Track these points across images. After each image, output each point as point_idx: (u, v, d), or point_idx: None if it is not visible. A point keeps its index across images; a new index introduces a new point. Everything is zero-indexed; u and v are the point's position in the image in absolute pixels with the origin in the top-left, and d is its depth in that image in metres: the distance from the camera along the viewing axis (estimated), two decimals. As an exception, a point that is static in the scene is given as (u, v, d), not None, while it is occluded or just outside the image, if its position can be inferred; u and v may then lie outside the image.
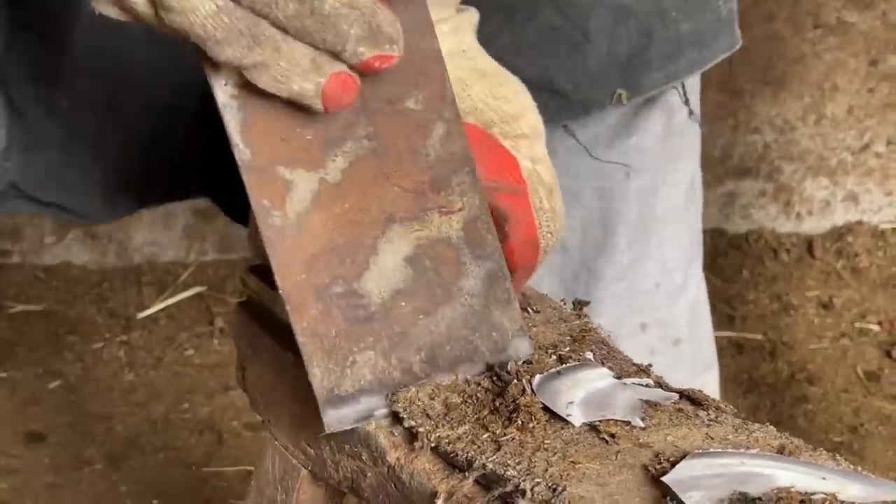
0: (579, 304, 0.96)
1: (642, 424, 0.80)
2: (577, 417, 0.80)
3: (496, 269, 0.85)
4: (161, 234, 2.56)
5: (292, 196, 0.78)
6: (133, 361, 2.34)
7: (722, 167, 2.60)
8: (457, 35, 0.97)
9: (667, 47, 1.22)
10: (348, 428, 0.83)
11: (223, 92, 0.75)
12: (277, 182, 0.78)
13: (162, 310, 2.46)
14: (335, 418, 0.82)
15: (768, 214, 2.62)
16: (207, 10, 0.71)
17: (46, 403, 2.20)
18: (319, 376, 0.80)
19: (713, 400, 0.84)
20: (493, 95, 0.96)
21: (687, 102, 1.35)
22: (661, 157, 1.33)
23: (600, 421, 0.80)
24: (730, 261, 2.57)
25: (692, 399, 0.84)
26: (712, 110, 2.56)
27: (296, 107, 0.77)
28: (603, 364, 0.88)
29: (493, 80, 0.97)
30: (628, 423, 0.80)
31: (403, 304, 0.82)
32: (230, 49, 0.73)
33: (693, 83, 1.39)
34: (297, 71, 0.74)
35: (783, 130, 2.57)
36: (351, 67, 0.75)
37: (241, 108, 0.76)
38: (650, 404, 0.82)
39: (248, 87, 0.76)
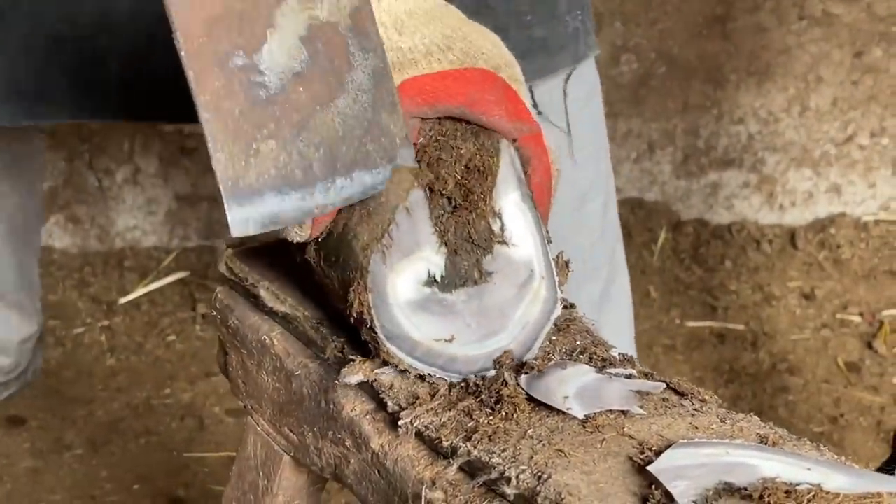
0: (564, 263, 0.95)
1: (642, 412, 0.79)
2: (577, 410, 0.80)
3: (382, 67, 0.85)
4: (143, 219, 2.55)
5: None
6: (114, 347, 2.33)
7: (706, 158, 2.60)
8: None
9: (520, 47, 1.26)
10: (252, 233, 0.82)
11: None
12: None
13: (144, 295, 2.45)
14: (240, 218, 0.81)
15: (751, 205, 2.62)
16: None
17: (27, 388, 2.19)
18: (224, 162, 0.80)
19: (698, 390, 0.84)
20: (492, 43, 0.97)
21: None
22: None
23: (599, 412, 0.80)
24: (712, 251, 2.57)
25: (677, 389, 0.84)
26: (697, 100, 2.56)
27: None
28: (584, 355, 0.88)
29: (481, 30, 0.97)
30: (624, 412, 0.80)
31: (301, 89, 0.82)
32: None
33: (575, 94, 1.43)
34: None
35: (767, 122, 2.58)
36: None
37: None
38: (639, 394, 0.82)
39: None
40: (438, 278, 0.87)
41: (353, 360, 0.87)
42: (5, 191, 1.96)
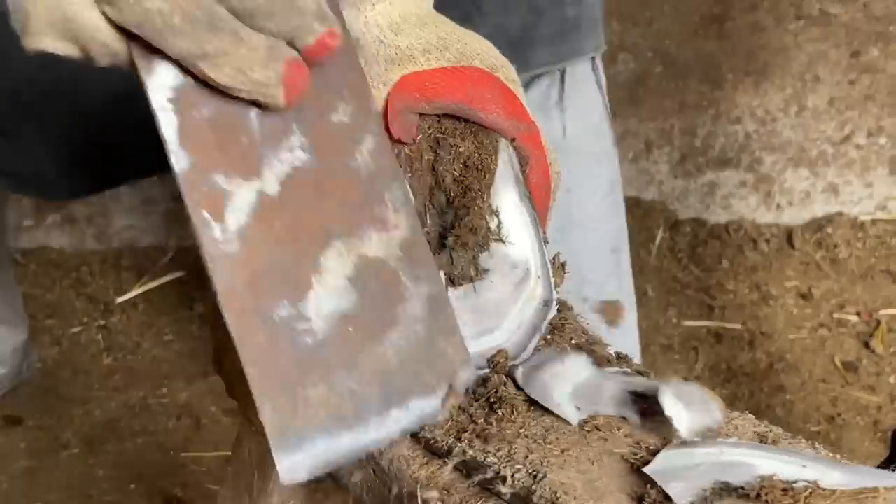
0: (561, 265, 0.95)
1: (638, 420, 0.79)
2: (573, 415, 0.80)
3: (437, 293, 0.82)
4: (141, 218, 2.55)
5: (231, 207, 0.76)
6: (111, 346, 2.33)
7: (703, 157, 2.60)
8: (422, 1, 0.97)
9: (554, 26, 1.24)
10: (303, 480, 0.78)
11: (160, 96, 0.73)
12: (216, 191, 0.75)
13: (141, 294, 2.45)
14: (290, 466, 0.77)
15: (749, 205, 2.62)
16: None
17: (23, 387, 2.19)
18: (270, 414, 0.77)
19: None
20: (485, 46, 0.97)
21: (562, 92, 1.36)
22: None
23: (594, 417, 0.79)
24: (710, 251, 2.57)
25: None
26: (694, 100, 2.56)
27: (233, 110, 0.75)
28: (581, 349, 0.88)
29: (474, 35, 0.97)
30: (624, 418, 0.80)
31: (351, 328, 0.79)
32: (189, 40, 0.70)
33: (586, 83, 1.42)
34: (257, 59, 0.72)
35: (764, 121, 2.58)
36: (302, 53, 0.74)
37: (178, 111, 0.74)
38: (636, 394, 0.82)
39: (185, 89, 0.73)
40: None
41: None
42: None
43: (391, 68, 0.89)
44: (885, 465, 1.53)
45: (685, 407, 0.76)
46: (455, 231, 0.88)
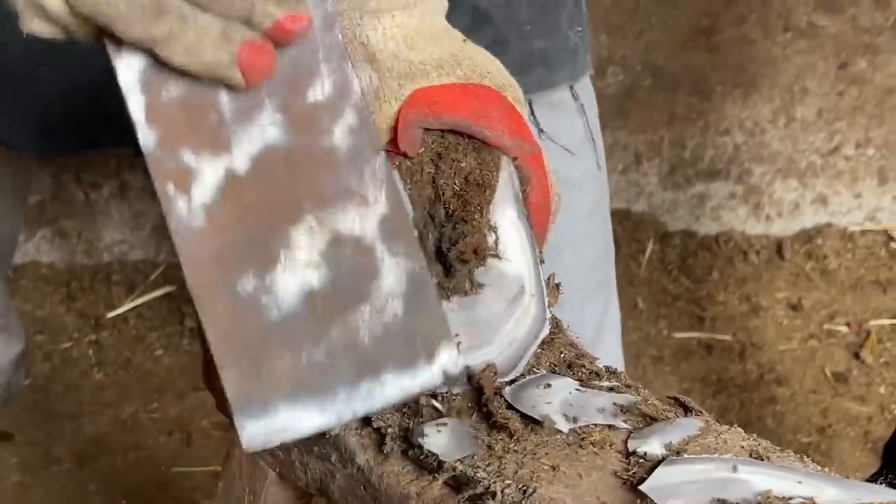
0: (555, 285, 0.95)
1: (629, 427, 0.79)
2: (562, 424, 0.80)
3: (417, 270, 0.81)
4: (131, 233, 2.55)
5: (198, 184, 0.77)
6: (102, 361, 2.32)
7: (692, 169, 2.61)
8: (435, 16, 0.97)
9: (519, 59, 1.25)
10: (267, 447, 0.79)
11: (128, 73, 0.75)
12: (183, 168, 0.76)
13: (131, 309, 2.44)
14: (253, 433, 0.78)
15: (738, 216, 2.63)
16: None
17: (14, 403, 2.19)
18: (233, 380, 0.77)
19: (683, 400, 0.84)
20: (494, 65, 0.97)
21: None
22: None
23: (584, 426, 0.80)
24: (700, 262, 2.58)
25: (659, 401, 0.84)
26: (683, 112, 2.57)
27: (201, 89, 0.76)
28: (570, 368, 0.88)
29: (484, 52, 0.98)
30: (611, 426, 0.80)
31: (320, 303, 0.79)
32: (137, 26, 0.72)
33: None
34: (208, 41, 0.73)
35: (753, 133, 2.58)
36: (264, 35, 0.75)
37: (146, 90, 0.75)
38: (623, 409, 0.82)
39: (152, 69, 0.75)
40: None
41: None
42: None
43: (404, 83, 0.89)
44: (875, 477, 1.53)
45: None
46: (459, 247, 0.88)
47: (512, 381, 0.86)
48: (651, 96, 2.55)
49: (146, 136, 0.75)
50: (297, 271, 0.79)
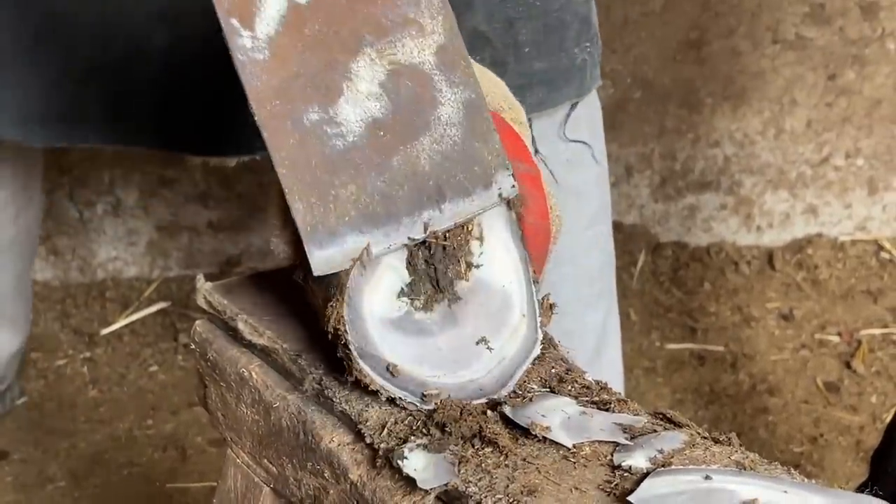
0: (549, 305, 0.96)
1: (630, 442, 0.80)
2: (565, 439, 0.81)
3: (474, 98, 0.84)
4: (125, 249, 2.55)
5: (261, 15, 0.78)
6: (97, 378, 2.32)
7: (683, 181, 2.62)
8: None
9: (518, 80, 1.26)
10: (335, 271, 0.81)
11: None
12: (245, 0, 0.78)
13: (126, 326, 2.45)
14: (322, 259, 0.81)
15: (729, 227, 2.64)
16: None
17: (9, 421, 2.19)
18: (302, 211, 0.80)
19: (674, 415, 0.85)
20: (495, 85, 0.98)
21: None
22: None
23: (586, 441, 0.80)
24: (691, 273, 2.58)
25: (653, 415, 0.85)
26: (673, 124, 2.58)
27: None
28: (561, 383, 0.89)
29: (485, 72, 0.99)
30: (614, 442, 0.80)
31: (382, 133, 0.81)
32: None
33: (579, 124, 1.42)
34: None
35: (743, 144, 2.60)
36: None
37: None
38: (623, 428, 0.83)
39: None
40: (415, 299, 0.88)
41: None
42: (12, 201, 1.97)
43: None
44: (863, 486, 1.54)
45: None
46: (437, 256, 0.89)
47: (505, 399, 0.87)
48: (641, 109, 2.56)
49: None
50: (360, 102, 0.81)
